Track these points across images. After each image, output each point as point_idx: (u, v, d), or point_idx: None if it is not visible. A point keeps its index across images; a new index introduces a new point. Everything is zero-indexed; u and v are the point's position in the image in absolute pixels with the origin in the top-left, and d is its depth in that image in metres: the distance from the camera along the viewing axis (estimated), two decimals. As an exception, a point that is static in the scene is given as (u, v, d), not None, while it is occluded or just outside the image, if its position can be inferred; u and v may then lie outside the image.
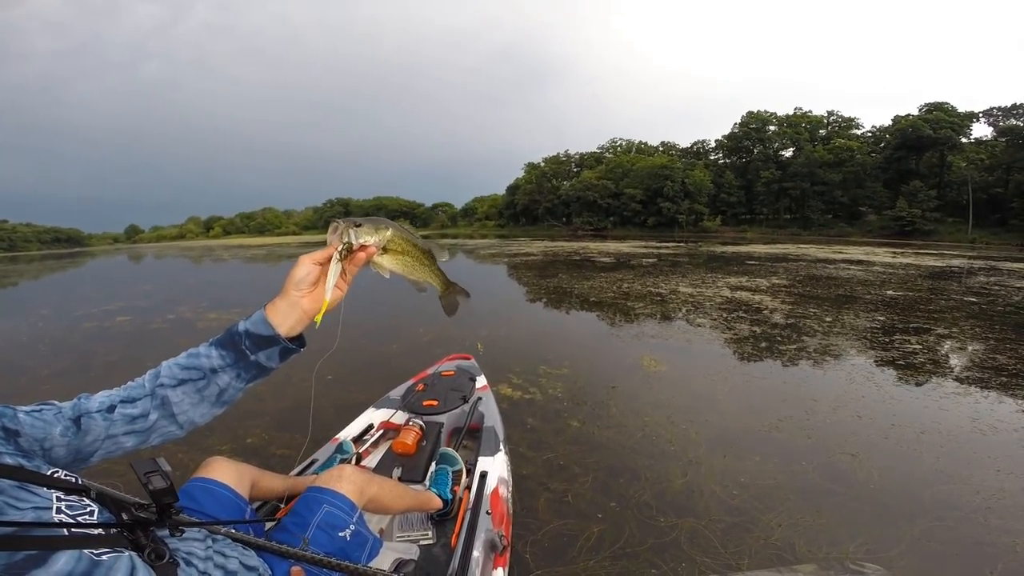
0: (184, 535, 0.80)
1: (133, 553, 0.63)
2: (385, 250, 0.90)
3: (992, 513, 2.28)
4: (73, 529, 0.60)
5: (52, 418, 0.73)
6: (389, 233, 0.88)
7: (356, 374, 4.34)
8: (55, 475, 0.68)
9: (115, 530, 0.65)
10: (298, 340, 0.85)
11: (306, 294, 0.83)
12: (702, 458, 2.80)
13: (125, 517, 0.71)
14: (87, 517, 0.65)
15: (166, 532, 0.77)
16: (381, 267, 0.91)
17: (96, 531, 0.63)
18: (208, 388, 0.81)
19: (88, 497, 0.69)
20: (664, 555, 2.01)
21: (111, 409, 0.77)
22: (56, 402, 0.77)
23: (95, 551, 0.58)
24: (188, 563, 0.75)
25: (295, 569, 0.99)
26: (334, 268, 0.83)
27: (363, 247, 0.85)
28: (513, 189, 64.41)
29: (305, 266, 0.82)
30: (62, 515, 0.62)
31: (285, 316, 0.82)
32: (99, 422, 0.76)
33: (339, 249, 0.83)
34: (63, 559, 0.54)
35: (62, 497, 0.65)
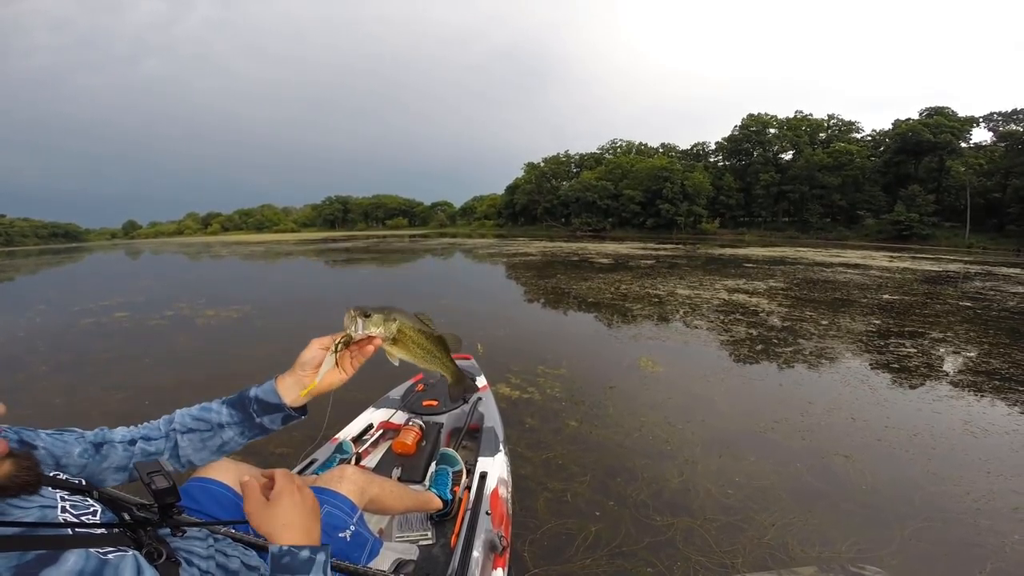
0: (186, 535, 0.82)
1: (137, 552, 0.65)
2: (395, 340, 0.92)
3: (982, 515, 2.32)
4: (78, 529, 0.62)
5: (73, 440, 0.80)
6: (395, 326, 0.91)
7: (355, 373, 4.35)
8: (57, 476, 0.70)
9: (118, 529, 0.67)
10: (301, 409, 0.94)
11: (310, 374, 0.92)
12: (698, 458, 2.83)
13: (127, 517, 0.73)
14: (91, 517, 0.66)
15: (168, 531, 0.78)
16: (391, 355, 0.95)
17: (99, 530, 0.65)
18: (212, 439, 0.91)
19: (91, 497, 0.71)
20: (660, 554, 2.03)
21: (132, 443, 0.86)
22: (79, 429, 0.84)
23: (101, 550, 0.59)
24: (190, 562, 0.76)
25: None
26: (329, 358, 0.88)
27: (369, 339, 0.90)
28: (512, 189, 64.39)
29: (312, 350, 0.91)
30: (67, 515, 0.64)
31: (291, 389, 0.92)
32: (120, 452, 0.84)
33: (336, 341, 0.88)
34: (72, 558, 0.55)
35: (66, 497, 0.67)
